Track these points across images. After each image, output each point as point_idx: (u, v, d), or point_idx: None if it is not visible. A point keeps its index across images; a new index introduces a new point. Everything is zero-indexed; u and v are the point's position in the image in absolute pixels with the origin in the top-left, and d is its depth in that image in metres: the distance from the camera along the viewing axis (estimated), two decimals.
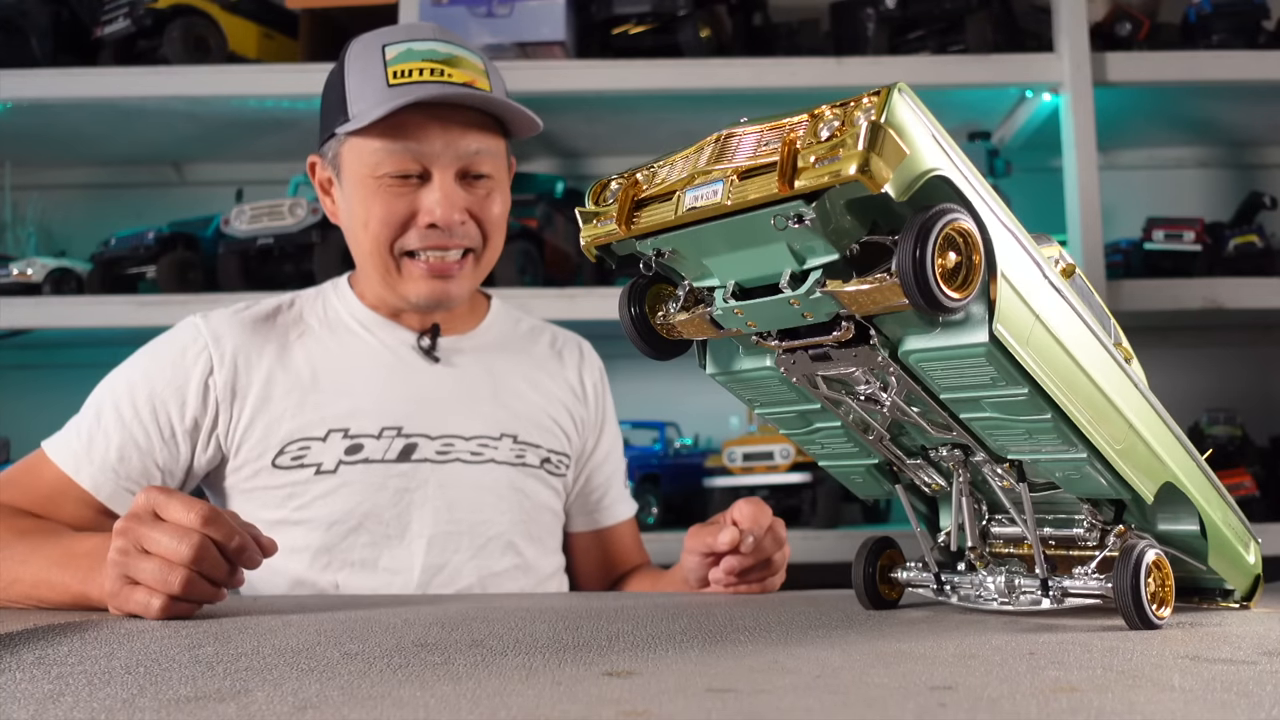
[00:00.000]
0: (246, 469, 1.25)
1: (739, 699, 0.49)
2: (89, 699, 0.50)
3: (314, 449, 1.24)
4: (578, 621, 0.79)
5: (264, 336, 1.28)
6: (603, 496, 1.47)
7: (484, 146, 1.25)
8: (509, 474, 1.32)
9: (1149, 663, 0.59)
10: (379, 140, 1.21)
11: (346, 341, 1.31)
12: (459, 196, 1.24)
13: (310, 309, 1.34)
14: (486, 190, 1.27)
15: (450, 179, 1.23)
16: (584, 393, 1.44)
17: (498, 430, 1.32)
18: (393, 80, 1.20)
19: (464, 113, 1.23)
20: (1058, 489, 0.78)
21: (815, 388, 0.76)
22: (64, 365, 2.51)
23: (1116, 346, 0.76)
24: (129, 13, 2.17)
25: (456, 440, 1.29)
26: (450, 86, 1.20)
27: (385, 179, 1.22)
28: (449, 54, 1.23)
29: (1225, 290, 2.15)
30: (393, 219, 1.23)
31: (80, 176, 2.69)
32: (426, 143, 1.21)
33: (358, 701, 0.48)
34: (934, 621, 0.79)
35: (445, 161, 1.23)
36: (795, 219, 0.61)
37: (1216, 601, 0.90)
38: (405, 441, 1.27)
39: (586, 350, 1.48)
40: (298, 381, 1.26)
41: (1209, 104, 2.38)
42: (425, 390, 1.31)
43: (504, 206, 1.30)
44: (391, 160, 1.22)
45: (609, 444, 1.48)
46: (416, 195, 1.23)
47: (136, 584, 0.86)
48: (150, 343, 1.29)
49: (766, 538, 1.13)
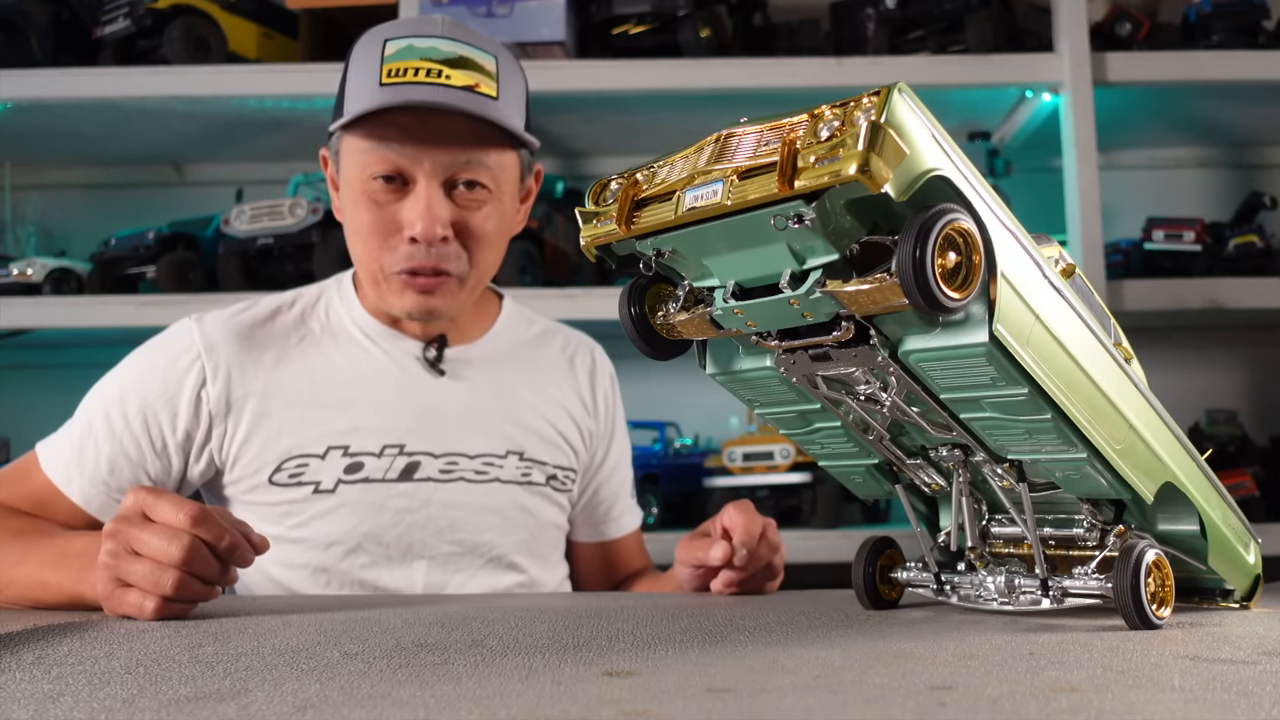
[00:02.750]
0: (244, 483, 1.22)
1: (739, 699, 0.49)
2: (89, 699, 0.50)
3: (312, 466, 1.20)
4: (578, 621, 0.79)
5: (261, 344, 1.24)
6: (610, 508, 1.43)
7: (475, 156, 1.17)
8: (514, 493, 1.28)
9: (1149, 663, 0.59)
10: (365, 140, 1.16)
11: (350, 352, 1.26)
12: (443, 208, 1.16)
13: (312, 312, 1.29)
14: (479, 203, 1.19)
15: (434, 189, 1.16)
16: (594, 404, 1.39)
17: (504, 448, 1.28)
18: (385, 79, 1.14)
19: (456, 120, 1.15)
20: (1058, 489, 0.78)
21: (815, 388, 0.76)
22: (64, 365, 2.50)
23: (1116, 346, 0.76)
24: (129, 13, 2.17)
25: (461, 458, 1.25)
26: (442, 90, 1.14)
27: (371, 184, 1.17)
28: (453, 53, 1.16)
29: (1225, 290, 2.15)
30: (377, 229, 1.18)
31: (80, 176, 2.69)
32: (409, 147, 1.15)
33: (358, 701, 0.48)
34: (934, 621, 0.79)
35: (428, 169, 1.16)
36: (795, 219, 0.61)
37: (1216, 601, 0.90)
38: (408, 460, 1.23)
39: (599, 356, 1.43)
40: (297, 395, 1.22)
41: (1209, 104, 2.38)
42: (429, 406, 1.26)
43: (500, 221, 1.22)
44: (374, 162, 1.16)
45: (618, 455, 1.44)
46: (400, 205, 1.17)
47: (129, 586, 0.85)
48: (145, 345, 1.25)
49: (761, 545, 1.09)
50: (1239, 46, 2.21)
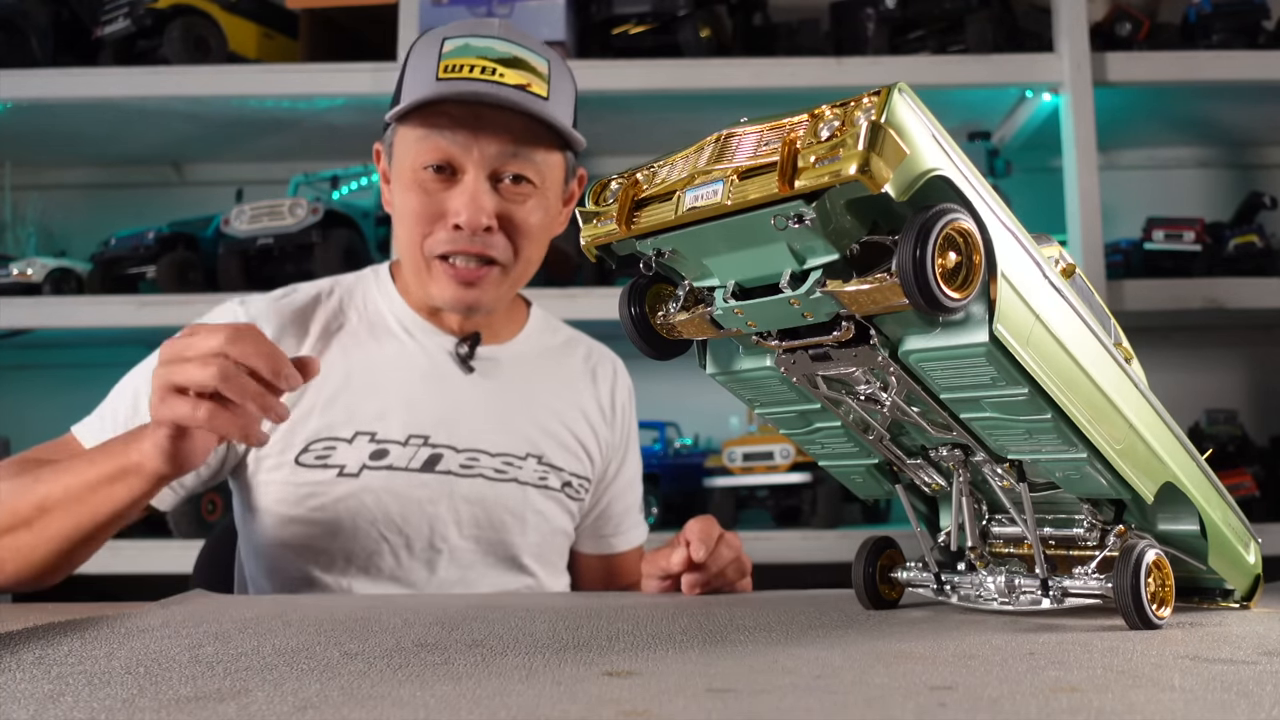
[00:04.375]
0: (268, 460, 1.23)
1: (739, 699, 0.49)
2: (89, 699, 0.50)
3: (339, 450, 1.23)
4: (578, 621, 0.79)
5: (302, 328, 1.27)
6: (620, 522, 1.45)
7: (523, 151, 1.21)
8: (530, 495, 1.30)
9: (1149, 663, 0.59)
10: (418, 129, 1.20)
11: (385, 342, 1.29)
12: (488, 199, 1.20)
13: (350, 301, 1.32)
14: (524, 197, 1.23)
15: (481, 179, 1.20)
16: (613, 415, 1.42)
17: (524, 449, 1.31)
18: (442, 74, 1.19)
19: (507, 115, 1.20)
20: (1058, 489, 0.78)
21: (815, 388, 0.76)
22: (64, 365, 2.51)
23: (1116, 346, 0.76)
24: (129, 13, 2.17)
25: (482, 455, 1.28)
26: (495, 86, 1.18)
27: (422, 173, 1.21)
28: (507, 54, 1.21)
29: (1225, 290, 2.15)
30: (424, 215, 1.21)
31: (80, 176, 2.69)
32: (460, 134, 1.19)
33: (358, 701, 0.48)
34: (934, 621, 0.79)
35: (476, 159, 1.20)
36: (795, 219, 0.61)
37: (1216, 601, 0.89)
38: (431, 451, 1.25)
39: (620, 370, 1.46)
40: (330, 379, 1.25)
41: (1209, 104, 2.38)
42: (457, 401, 1.28)
43: (544, 217, 1.26)
44: (426, 151, 1.20)
45: (632, 470, 1.46)
46: (448, 194, 1.21)
47: (181, 394, 0.91)
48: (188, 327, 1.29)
49: (719, 545, 1.09)
50: (1239, 46, 2.21)
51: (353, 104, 2.19)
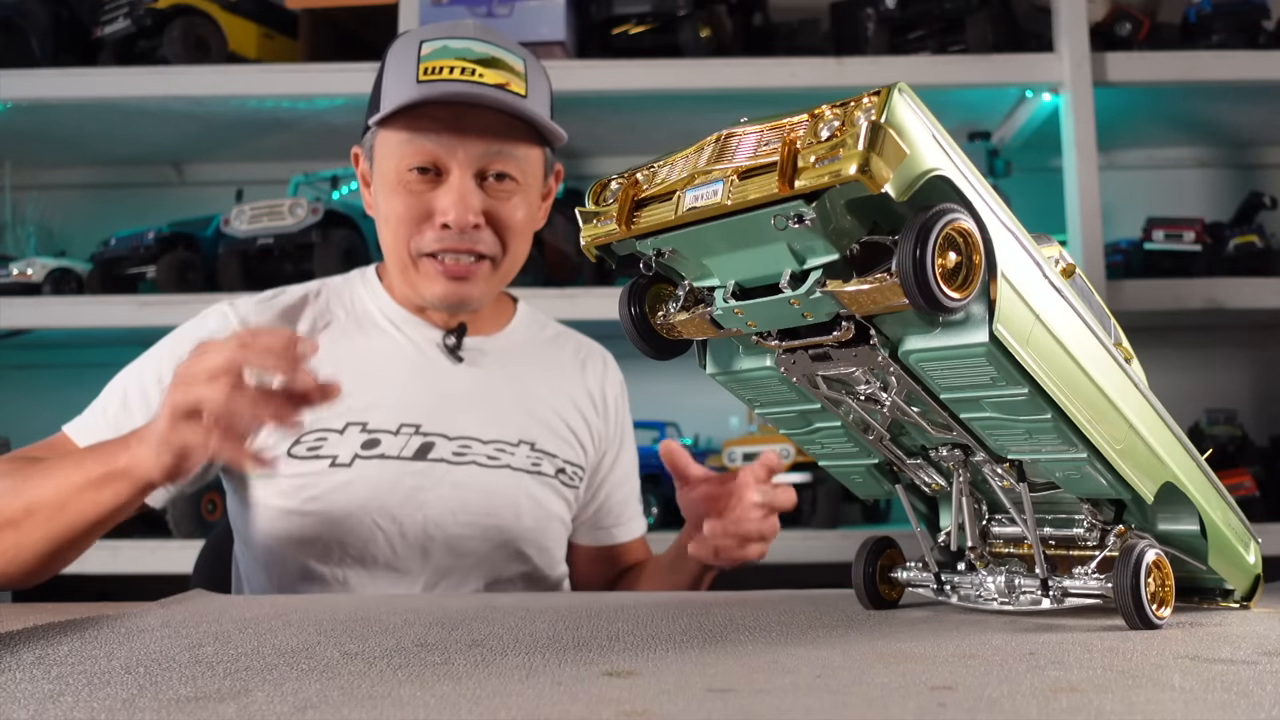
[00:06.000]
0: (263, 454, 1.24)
1: (739, 699, 0.49)
2: (89, 699, 0.50)
3: (330, 440, 1.24)
4: (578, 621, 0.79)
5: (290, 326, 1.29)
6: (620, 514, 1.46)
7: (506, 148, 1.23)
8: (524, 481, 1.31)
9: (1149, 663, 0.59)
10: (402, 132, 1.22)
11: (373, 336, 1.31)
12: (475, 197, 1.22)
13: (338, 300, 1.34)
14: (508, 194, 1.25)
15: (467, 179, 1.22)
16: (604, 406, 1.43)
17: (516, 436, 1.32)
18: (422, 77, 1.20)
19: (488, 114, 1.22)
20: (1058, 489, 0.78)
21: (815, 388, 0.76)
22: (64, 365, 2.51)
23: (1116, 346, 0.76)
24: (129, 13, 2.17)
25: (474, 442, 1.29)
26: (477, 87, 1.20)
27: (406, 175, 1.22)
28: (485, 54, 1.23)
29: (1225, 290, 2.15)
30: (410, 216, 1.23)
31: (80, 176, 2.69)
32: (445, 137, 1.21)
33: (358, 701, 0.48)
34: (934, 621, 0.79)
35: (461, 159, 1.22)
36: (795, 219, 0.61)
37: (1216, 601, 0.89)
38: (423, 440, 1.26)
39: (610, 363, 1.47)
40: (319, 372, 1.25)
41: (1209, 104, 2.38)
42: (447, 390, 1.30)
43: (528, 212, 1.28)
44: (409, 153, 1.22)
45: (627, 463, 1.47)
46: (434, 194, 1.23)
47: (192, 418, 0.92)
48: (177, 329, 1.30)
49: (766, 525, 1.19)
50: (1239, 46, 2.21)
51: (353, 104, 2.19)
